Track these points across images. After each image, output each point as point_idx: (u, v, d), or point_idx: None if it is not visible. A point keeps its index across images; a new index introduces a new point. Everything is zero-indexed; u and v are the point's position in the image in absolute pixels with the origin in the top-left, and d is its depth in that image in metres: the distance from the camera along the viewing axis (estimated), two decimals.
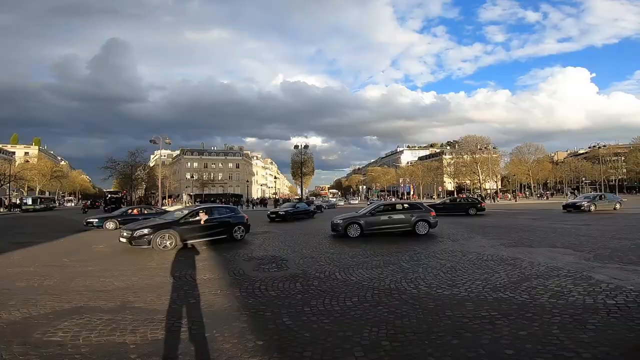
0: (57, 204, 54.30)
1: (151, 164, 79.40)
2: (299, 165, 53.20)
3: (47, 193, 68.69)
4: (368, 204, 32.03)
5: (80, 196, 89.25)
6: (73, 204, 64.64)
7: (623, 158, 75.09)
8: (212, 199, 59.30)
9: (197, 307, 5.07)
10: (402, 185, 78.74)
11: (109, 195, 47.46)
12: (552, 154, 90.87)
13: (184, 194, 69.83)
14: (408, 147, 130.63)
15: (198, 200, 53.83)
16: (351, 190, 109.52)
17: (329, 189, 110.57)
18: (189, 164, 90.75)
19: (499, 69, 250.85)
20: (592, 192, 39.14)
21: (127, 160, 52.68)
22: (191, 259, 9.02)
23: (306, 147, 53.35)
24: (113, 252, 10.39)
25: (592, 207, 23.03)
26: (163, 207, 39.66)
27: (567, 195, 59.00)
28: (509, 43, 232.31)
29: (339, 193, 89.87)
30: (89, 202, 57.05)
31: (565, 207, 25.01)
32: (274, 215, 22.86)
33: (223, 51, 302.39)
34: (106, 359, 3.50)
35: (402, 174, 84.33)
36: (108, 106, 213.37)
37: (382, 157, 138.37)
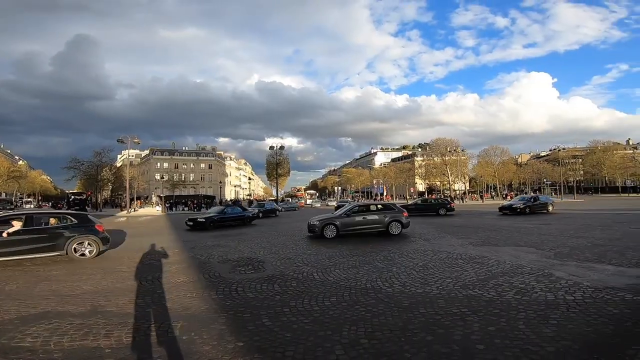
0: (15, 206, 50.83)
1: (118, 164, 76.15)
2: (274, 166, 52.84)
3: (3, 194, 64.20)
4: (336, 205, 31.82)
5: (40, 197, 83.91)
6: (32, 206, 60.76)
7: (580, 160, 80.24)
8: (183, 200, 57.59)
9: (173, 310, 4.98)
10: (375, 186, 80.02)
11: (72, 197, 45.14)
12: (517, 157, 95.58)
13: (153, 195, 67.50)
14: (382, 149, 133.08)
15: (168, 202, 52.12)
16: (327, 191, 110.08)
17: (304, 190, 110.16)
18: (158, 164, 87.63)
19: (469, 73, 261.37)
20: (528, 195, 39.07)
21: (92, 160, 50.18)
22: (163, 262, 8.78)
23: (282, 148, 53.14)
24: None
25: (527, 210, 22.73)
26: (132, 209, 38.32)
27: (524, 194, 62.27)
28: (479, 48, 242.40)
29: (317, 194, 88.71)
30: (50, 203, 53.81)
31: (502, 209, 24.51)
32: (191, 223, 18.27)
33: (198, 50, 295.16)
34: None
35: (375, 175, 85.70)
36: (73, 104, 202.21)
37: (357, 159, 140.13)
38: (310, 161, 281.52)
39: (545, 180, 72.06)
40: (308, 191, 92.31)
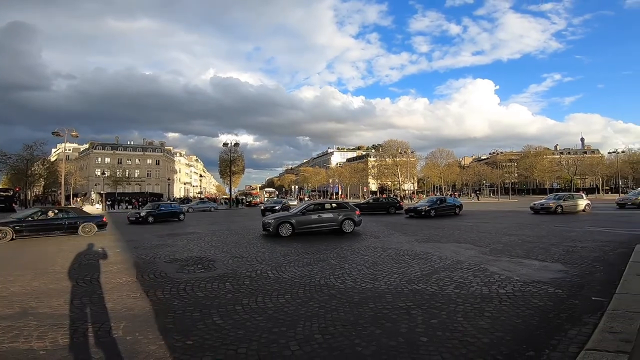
0: None
1: (53, 159, 69.16)
2: (228, 164, 51.32)
3: None
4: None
5: None
6: None
7: (515, 164, 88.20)
8: (127, 198, 53.80)
9: (115, 311, 4.69)
10: (331, 185, 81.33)
11: None
12: (460, 159, 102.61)
13: (92, 192, 62.24)
14: (338, 148, 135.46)
15: (110, 199, 48.35)
16: (284, 189, 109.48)
17: (261, 188, 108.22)
18: (99, 159, 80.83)
19: (421, 78, 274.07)
20: (435, 196, 37.90)
21: (21, 154, 45.10)
22: (102, 262, 8.22)
23: (237, 144, 51.82)
24: (6, 257, 8.93)
25: (432, 212, 21.55)
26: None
27: (470, 195, 67.22)
28: (432, 54, 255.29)
29: (276, 192, 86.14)
30: None
31: (407, 211, 23.23)
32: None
33: (149, 42, 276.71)
34: None
35: (331, 174, 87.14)
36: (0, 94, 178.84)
37: (314, 158, 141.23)
38: (266, 159, 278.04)
39: (484, 181, 78.20)
40: (266, 189, 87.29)
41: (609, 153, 69.93)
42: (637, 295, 4.44)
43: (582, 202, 22.62)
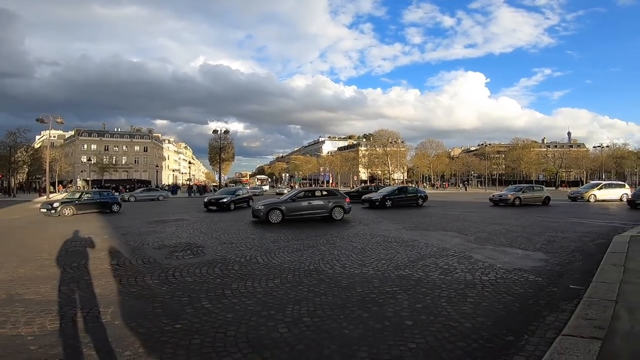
0: None
1: (37, 146, 67.41)
2: (218, 151, 50.80)
3: None
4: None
5: None
6: None
7: (503, 156, 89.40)
8: (114, 185, 52.86)
9: (103, 297, 4.69)
10: (322, 173, 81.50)
11: None
12: (450, 150, 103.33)
13: (78, 179, 61.02)
14: (329, 137, 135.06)
15: (96, 186, 47.56)
16: (274, 177, 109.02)
17: (250, 175, 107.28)
18: (85, 146, 79.11)
19: (413, 69, 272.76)
20: (397, 185, 37.01)
21: (4, 141, 44.00)
22: (90, 248, 8.15)
23: (227, 132, 51.10)
24: None
25: (388, 203, 19.99)
26: (52, 195, 34.15)
27: (459, 186, 68.23)
28: (424, 45, 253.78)
29: (268, 179, 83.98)
30: None
31: (364, 201, 21.17)
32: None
33: (136, 29, 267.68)
34: (1, 352, 3.11)
35: (322, 163, 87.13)
36: None
37: (305, 146, 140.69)
38: (257, 147, 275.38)
39: (472, 172, 79.30)
40: (258, 176, 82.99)
41: (594, 147, 71.68)
42: (612, 284, 4.61)
43: (542, 194, 22.66)
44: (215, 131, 49.73)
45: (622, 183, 26.25)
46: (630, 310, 3.71)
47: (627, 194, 22.60)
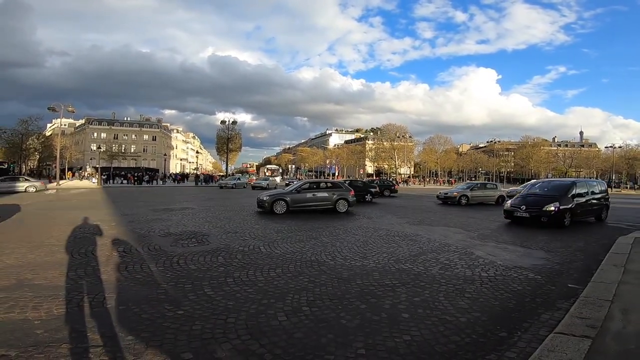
0: None
1: (48, 134, 68.54)
2: (225, 141, 51.04)
3: None
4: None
5: None
6: None
7: (512, 153, 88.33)
8: (123, 172, 53.53)
9: (109, 282, 4.82)
10: (328, 166, 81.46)
11: None
12: (458, 146, 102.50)
13: (87, 167, 61.98)
14: (336, 130, 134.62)
15: (105, 173, 48.18)
16: (281, 168, 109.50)
17: (257, 166, 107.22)
18: (95, 134, 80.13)
19: (423, 63, 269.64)
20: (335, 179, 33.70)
21: (16, 128, 44.82)
22: (98, 235, 8.32)
23: (234, 122, 51.39)
24: (1, 231, 9.03)
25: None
26: (62, 182, 34.73)
27: (463, 182, 67.65)
28: (435, 40, 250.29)
29: (279, 169, 79.00)
30: None
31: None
32: None
33: (146, 19, 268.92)
34: (9, 336, 3.21)
35: (329, 155, 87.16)
36: None
37: (312, 139, 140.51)
38: (264, 138, 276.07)
39: (480, 169, 78.58)
40: (268, 166, 77.54)
41: (605, 147, 70.44)
42: (610, 284, 4.61)
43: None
44: (223, 122, 50.06)
45: (495, 184, 23.97)
46: (625, 311, 3.73)
47: (504, 197, 20.03)
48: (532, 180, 15.53)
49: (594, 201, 12.41)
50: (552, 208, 10.66)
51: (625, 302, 3.98)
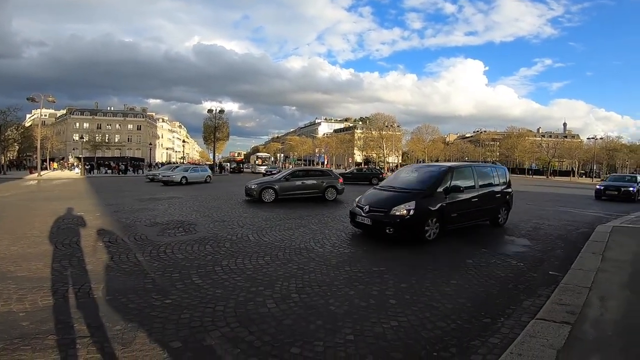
0: None
1: (27, 124, 66.32)
2: (212, 130, 50.27)
3: None
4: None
5: None
6: None
7: (498, 143, 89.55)
8: (106, 162, 52.26)
9: (94, 273, 4.74)
10: (317, 155, 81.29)
11: None
12: (445, 136, 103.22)
13: (70, 157, 60.35)
14: (325, 119, 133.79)
15: (89, 163, 46.95)
16: (272, 157, 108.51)
17: (245, 155, 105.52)
18: (77, 124, 78.20)
19: (411, 54, 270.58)
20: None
21: None
22: (82, 226, 8.14)
23: (222, 111, 50.56)
24: None
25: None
26: (44, 172, 33.62)
27: None
28: (424, 31, 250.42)
29: (271, 158, 74.97)
30: None
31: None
32: None
33: (129, 9, 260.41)
34: None
35: (318, 144, 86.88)
36: None
37: (301, 127, 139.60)
38: (251, 127, 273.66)
39: (467, 158, 79.55)
40: (258, 154, 74.58)
41: (587, 138, 72.03)
42: (589, 272, 4.75)
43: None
44: (210, 110, 49.16)
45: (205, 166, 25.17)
46: (602, 298, 3.86)
47: (210, 177, 21.63)
48: (407, 165, 11.82)
49: (486, 198, 8.26)
50: (403, 212, 6.64)
51: (603, 290, 4.12)
